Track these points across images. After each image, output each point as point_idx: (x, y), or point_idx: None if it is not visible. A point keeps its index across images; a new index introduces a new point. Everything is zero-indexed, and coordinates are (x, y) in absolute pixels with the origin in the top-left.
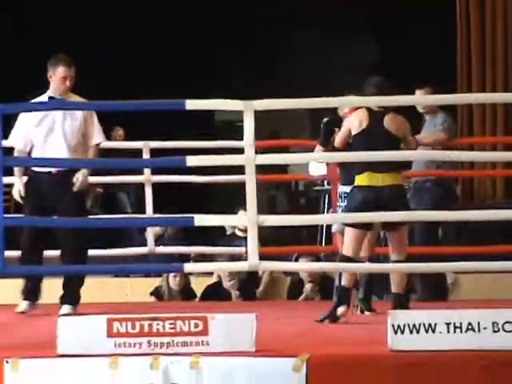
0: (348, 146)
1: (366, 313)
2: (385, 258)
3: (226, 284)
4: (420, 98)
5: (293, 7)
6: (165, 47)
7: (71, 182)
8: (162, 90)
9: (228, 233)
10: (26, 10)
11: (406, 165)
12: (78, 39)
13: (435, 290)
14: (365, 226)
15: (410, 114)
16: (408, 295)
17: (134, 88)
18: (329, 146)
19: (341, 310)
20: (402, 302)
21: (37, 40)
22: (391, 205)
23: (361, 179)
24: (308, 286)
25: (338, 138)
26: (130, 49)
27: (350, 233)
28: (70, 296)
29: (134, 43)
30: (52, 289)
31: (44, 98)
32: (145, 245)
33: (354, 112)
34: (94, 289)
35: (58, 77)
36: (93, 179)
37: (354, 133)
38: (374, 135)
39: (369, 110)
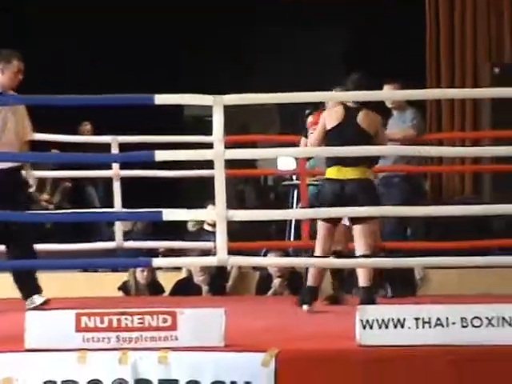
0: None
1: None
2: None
3: (198, 279)
4: (389, 93)
5: (293, 7)
6: (165, 47)
7: (19, 178)
8: (161, 90)
9: (190, 229)
10: (26, 9)
11: (375, 160)
12: (78, 39)
13: (404, 286)
14: (333, 219)
15: (377, 108)
16: (375, 289)
17: (134, 88)
18: None
19: (304, 308)
20: (369, 296)
21: (37, 40)
22: (356, 198)
23: (330, 172)
24: (277, 281)
25: (314, 137)
26: (130, 49)
27: (321, 227)
28: (33, 287)
29: (134, 43)
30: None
31: None
32: (113, 239)
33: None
34: (62, 283)
35: (11, 71)
36: (61, 173)
37: (328, 127)
38: (346, 130)
39: (345, 106)
